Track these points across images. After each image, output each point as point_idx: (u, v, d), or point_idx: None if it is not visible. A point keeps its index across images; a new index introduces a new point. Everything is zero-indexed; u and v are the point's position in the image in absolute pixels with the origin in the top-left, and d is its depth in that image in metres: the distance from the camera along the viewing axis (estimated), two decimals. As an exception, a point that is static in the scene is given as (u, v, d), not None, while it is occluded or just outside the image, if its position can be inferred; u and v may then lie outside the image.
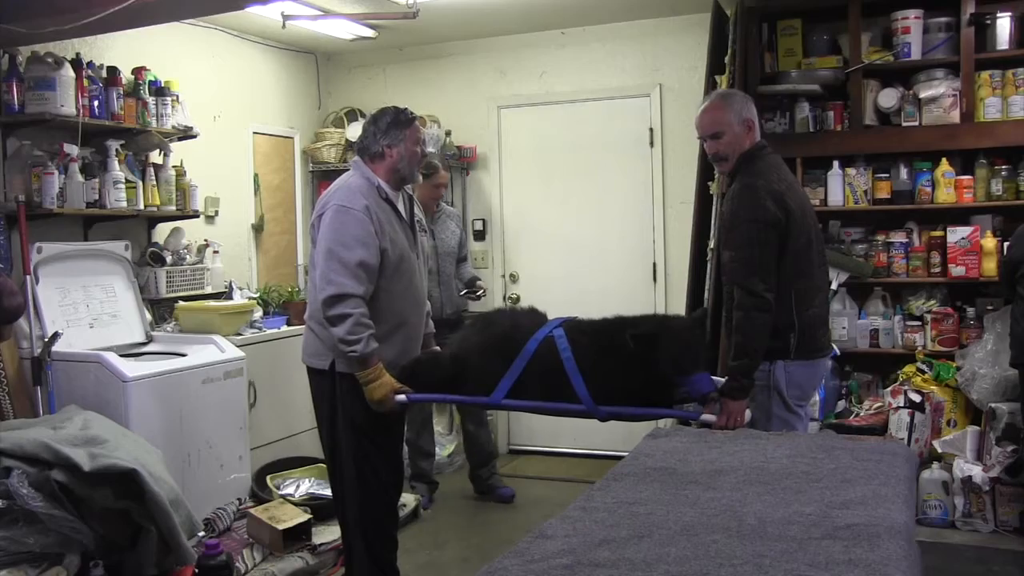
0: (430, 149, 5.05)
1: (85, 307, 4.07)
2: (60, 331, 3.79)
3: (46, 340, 3.73)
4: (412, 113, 3.20)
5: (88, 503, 2.91)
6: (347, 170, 3.21)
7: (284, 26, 4.91)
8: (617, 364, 2.70)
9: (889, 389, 4.33)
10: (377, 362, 2.94)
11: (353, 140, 5.83)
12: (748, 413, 2.81)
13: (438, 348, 3.42)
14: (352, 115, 5.96)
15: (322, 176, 5.83)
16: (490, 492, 4.87)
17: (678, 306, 5.06)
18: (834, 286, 4.43)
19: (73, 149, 3.99)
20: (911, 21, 4.39)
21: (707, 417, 2.74)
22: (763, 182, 2.89)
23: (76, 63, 3.99)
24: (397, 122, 3.13)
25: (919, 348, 4.41)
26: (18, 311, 3.18)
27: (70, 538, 2.86)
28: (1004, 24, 4.27)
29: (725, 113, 3.01)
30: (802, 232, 2.92)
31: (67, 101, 3.86)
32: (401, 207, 3.18)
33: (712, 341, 3.89)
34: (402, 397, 2.94)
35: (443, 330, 4.08)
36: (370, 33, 5.38)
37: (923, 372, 4.29)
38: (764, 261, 2.82)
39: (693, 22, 5.16)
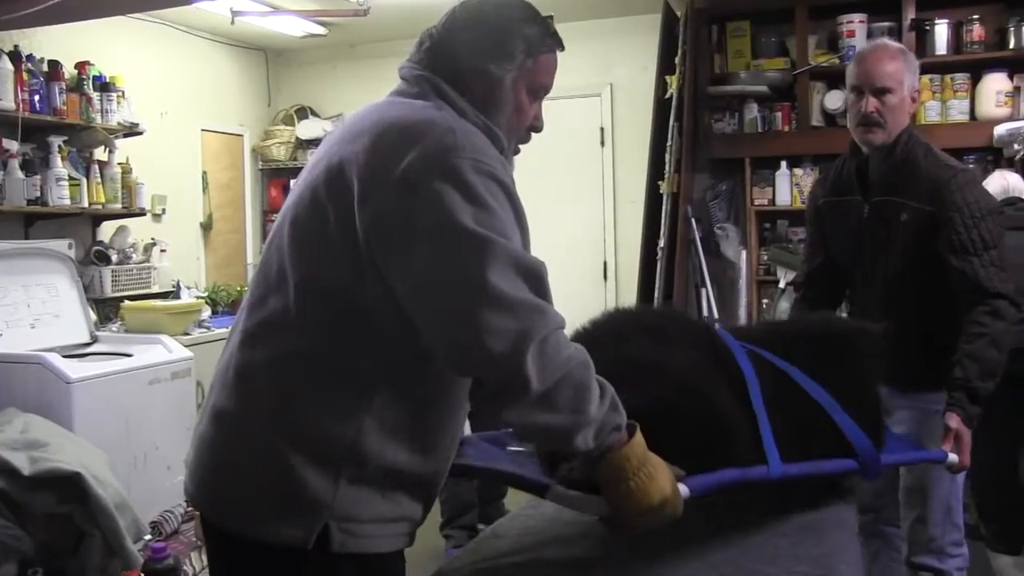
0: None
1: (26, 307, 3.96)
2: (-1, 332, 3.70)
3: (-16, 341, 3.64)
4: (552, 27, 1.52)
5: (29, 508, 2.84)
6: (298, 168, 1.86)
7: (233, 22, 4.85)
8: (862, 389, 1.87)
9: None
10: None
11: (304, 138, 5.75)
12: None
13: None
14: (302, 112, 5.90)
15: (272, 174, 5.75)
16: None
17: (628, 305, 5.08)
18: (781, 284, 4.51)
19: (13, 145, 3.89)
20: (856, 25, 4.47)
21: (956, 458, 2.03)
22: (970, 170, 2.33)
23: (15, 56, 3.89)
24: (520, 35, 1.48)
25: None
26: None
27: (8, 545, 2.78)
28: (942, 31, 4.37)
29: (902, 70, 2.34)
30: None
31: (5, 95, 3.77)
32: None
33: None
34: (684, 488, 1.45)
35: None
36: (320, 31, 5.33)
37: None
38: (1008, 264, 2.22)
39: (644, 23, 5.19)
